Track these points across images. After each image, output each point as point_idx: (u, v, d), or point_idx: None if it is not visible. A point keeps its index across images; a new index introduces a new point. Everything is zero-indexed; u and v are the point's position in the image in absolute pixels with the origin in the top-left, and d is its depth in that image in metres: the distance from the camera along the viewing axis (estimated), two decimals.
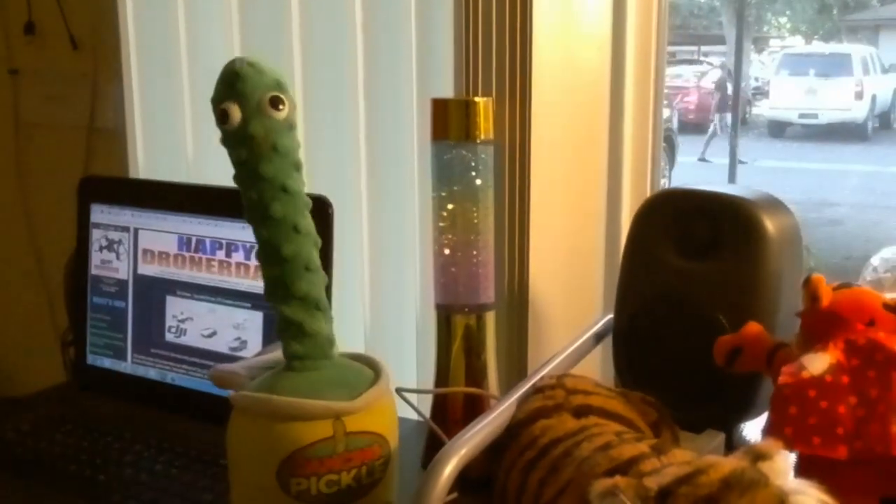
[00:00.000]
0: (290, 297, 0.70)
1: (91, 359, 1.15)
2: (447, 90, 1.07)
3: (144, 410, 1.08)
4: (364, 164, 1.17)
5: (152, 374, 1.10)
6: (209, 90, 0.68)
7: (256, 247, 0.71)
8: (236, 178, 0.69)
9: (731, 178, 8.11)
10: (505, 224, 1.04)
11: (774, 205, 0.84)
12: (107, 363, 1.14)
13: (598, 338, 0.89)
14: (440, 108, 0.93)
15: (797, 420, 0.65)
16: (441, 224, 0.93)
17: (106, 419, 1.06)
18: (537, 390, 0.71)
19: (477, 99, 0.94)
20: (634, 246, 0.88)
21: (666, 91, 1.15)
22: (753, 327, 0.75)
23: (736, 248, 0.81)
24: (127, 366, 1.12)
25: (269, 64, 0.68)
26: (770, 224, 0.81)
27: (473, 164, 0.92)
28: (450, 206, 0.92)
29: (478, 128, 0.92)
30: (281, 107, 0.67)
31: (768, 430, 0.66)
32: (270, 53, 1.19)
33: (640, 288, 0.87)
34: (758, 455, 0.54)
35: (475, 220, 0.93)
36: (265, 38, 1.20)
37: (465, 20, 1.02)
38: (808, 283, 0.70)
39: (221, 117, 0.67)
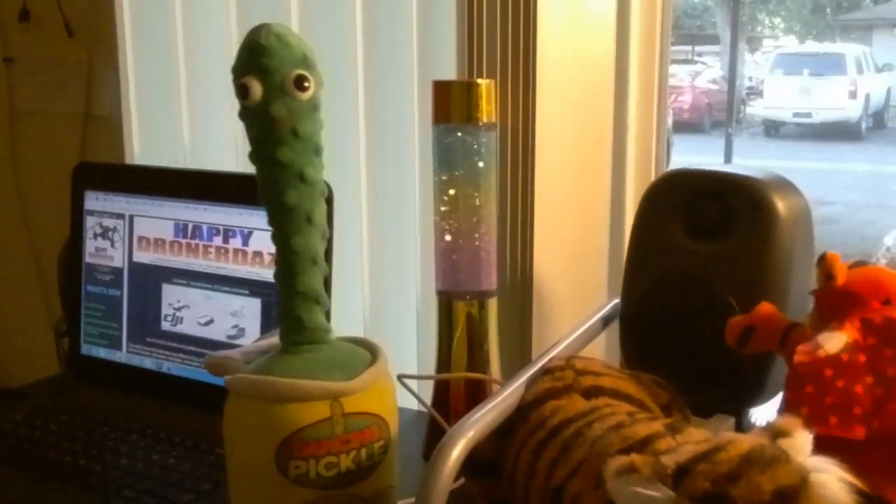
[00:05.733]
0: (291, 290, 0.68)
1: (85, 348, 1.14)
2: (449, 72, 1.06)
3: (140, 400, 1.06)
4: (363, 147, 1.15)
5: (148, 363, 1.09)
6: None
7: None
8: (252, 156, 0.66)
9: None
10: (508, 209, 1.03)
11: (784, 185, 0.83)
12: (101, 353, 1.12)
13: (606, 322, 0.87)
14: (442, 91, 0.92)
15: (814, 399, 0.63)
16: (442, 209, 0.92)
17: (101, 409, 1.04)
18: (546, 372, 0.70)
19: (480, 81, 0.93)
20: (643, 227, 0.87)
21: None
22: (766, 307, 0.73)
23: (747, 228, 0.80)
24: (122, 355, 1.11)
25: (295, 36, 0.64)
26: (781, 204, 0.80)
27: (476, 147, 0.91)
28: (451, 191, 0.91)
29: (480, 110, 0.91)
30: (306, 85, 0.64)
31: (784, 410, 0.65)
32: None
33: (648, 269, 0.86)
34: (777, 432, 0.52)
35: (477, 205, 0.92)
36: (262, 21, 1.18)
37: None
38: (822, 261, 0.68)
39: (241, 92, 0.63)
